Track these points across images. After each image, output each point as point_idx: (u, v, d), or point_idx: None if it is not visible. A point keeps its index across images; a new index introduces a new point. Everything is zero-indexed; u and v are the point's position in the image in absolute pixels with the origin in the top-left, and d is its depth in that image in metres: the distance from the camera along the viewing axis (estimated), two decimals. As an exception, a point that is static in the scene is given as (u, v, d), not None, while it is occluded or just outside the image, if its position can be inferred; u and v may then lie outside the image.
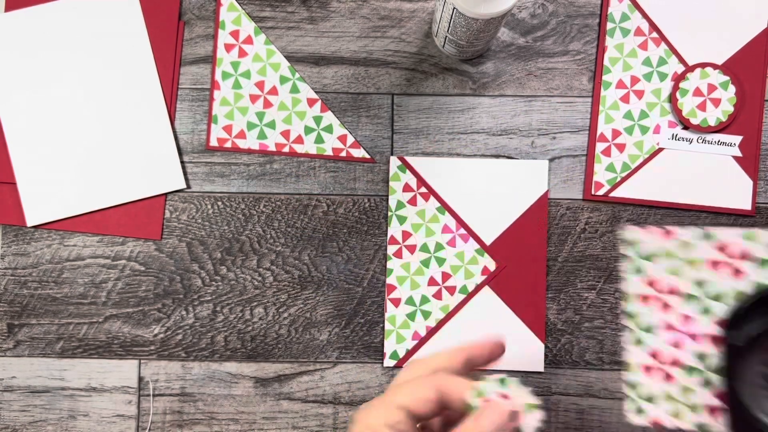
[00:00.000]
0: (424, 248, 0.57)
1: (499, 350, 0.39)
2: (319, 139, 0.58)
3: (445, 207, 0.57)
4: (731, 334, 0.37)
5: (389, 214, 0.57)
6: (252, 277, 0.57)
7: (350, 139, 0.58)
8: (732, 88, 0.57)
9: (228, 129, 0.58)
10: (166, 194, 0.58)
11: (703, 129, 0.57)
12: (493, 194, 0.57)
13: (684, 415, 0.38)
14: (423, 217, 0.57)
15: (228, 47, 0.58)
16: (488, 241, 0.57)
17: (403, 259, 0.57)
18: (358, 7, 0.58)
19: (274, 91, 0.58)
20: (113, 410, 0.57)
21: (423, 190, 0.57)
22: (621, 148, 0.57)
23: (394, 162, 0.57)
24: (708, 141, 0.57)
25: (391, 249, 0.57)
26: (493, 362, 0.39)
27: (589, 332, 0.57)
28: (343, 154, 0.58)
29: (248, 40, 0.58)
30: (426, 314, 0.57)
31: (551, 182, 0.57)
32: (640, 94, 0.57)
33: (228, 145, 0.58)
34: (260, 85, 0.58)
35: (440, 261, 0.57)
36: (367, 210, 0.57)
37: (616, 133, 0.57)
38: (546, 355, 0.57)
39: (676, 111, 0.57)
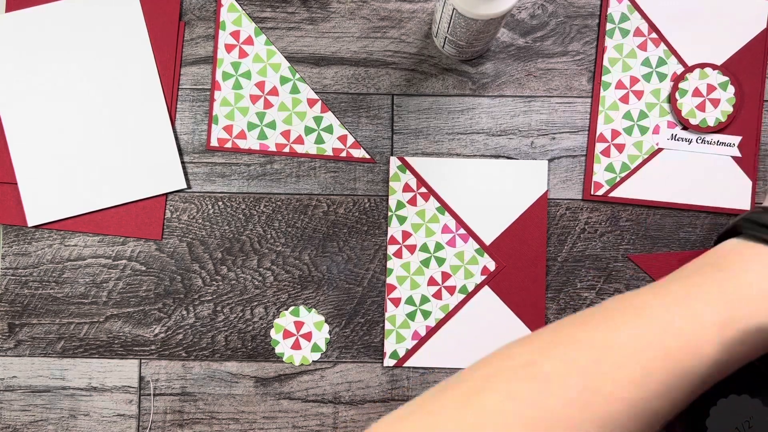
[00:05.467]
0: (424, 248, 0.57)
1: None
2: (320, 140, 0.58)
3: (445, 207, 0.57)
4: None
5: (389, 214, 0.57)
6: (252, 276, 0.57)
7: (350, 140, 0.58)
8: (731, 89, 0.57)
9: (228, 129, 0.58)
10: (166, 194, 0.58)
11: (702, 129, 0.57)
12: (493, 194, 0.57)
13: None
14: (423, 217, 0.57)
15: (228, 48, 0.58)
16: (488, 241, 0.57)
17: (403, 259, 0.57)
18: (358, 7, 0.58)
19: (274, 91, 0.58)
20: (114, 410, 0.57)
21: (423, 190, 0.57)
22: (620, 148, 0.57)
23: (394, 162, 0.57)
24: (707, 141, 0.57)
25: (391, 249, 0.57)
26: None
27: (589, 332, 0.57)
28: (344, 154, 0.58)
29: (249, 41, 0.58)
30: (426, 314, 0.57)
31: (551, 182, 0.58)
32: (639, 94, 0.58)
33: (228, 145, 0.58)
34: (261, 85, 0.58)
35: (440, 261, 0.57)
36: (367, 210, 0.58)
37: (615, 134, 0.57)
38: (545, 355, 0.57)
39: (676, 111, 0.57)
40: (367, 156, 0.58)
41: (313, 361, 0.57)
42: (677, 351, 0.32)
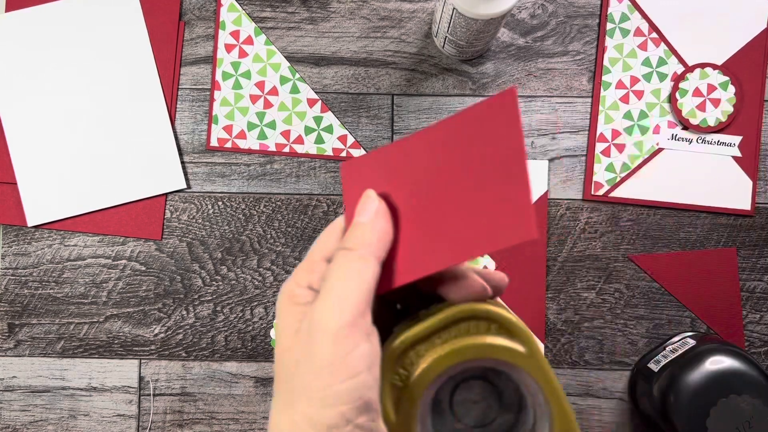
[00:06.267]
0: (424, 248, 0.57)
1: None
2: (320, 140, 0.58)
3: (444, 207, 0.57)
4: None
5: (389, 214, 0.57)
6: (252, 277, 0.57)
7: (350, 140, 0.58)
8: (731, 89, 0.57)
9: (228, 129, 0.58)
10: (166, 194, 0.58)
11: (702, 129, 0.57)
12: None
13: None
14: (423, 217, 0.57)
15: (228, 47, 0.58)
16: (488, 241, 0.57)
17: (403, 259, 0.57)
18: (358, 7, 0.58)
19: (274, 91, 0.58)
20: (114, 410, 0.57)
21: (423, 190, 0.57)
22: (621, 148, 0.57)
23: (394, 162, 0.57)
24: (707, 141, 0.57)
25: (391, 249, 0.57)
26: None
27: (589, 332, 0.57)
28: (344, 154, 0.58)
29: (248, 41, 0.58)
30: (426, 314, 0.57)
31: (551, 182, 0.58)
32: (639, 94, 0.57)
33: (228, 145, 0.58)
34: (260, 85, 0.58)
35: (440, 261, 0.57)
36: (367, 210, 0.57)
37: (615, 134, 0.57)
38: (546, 355, 0.57)
39: (676, 111, 0.57)
40: (367, 156, 0.58)
41: (313, 361, 0.57)
42: None
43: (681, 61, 0.57)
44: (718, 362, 0.49)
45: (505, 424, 0.33)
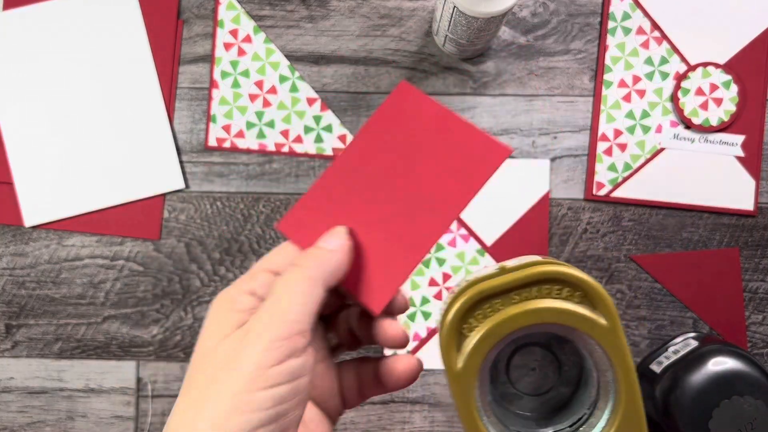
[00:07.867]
0: (425, 248, 0.57)
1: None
2: (319, 139, 0.57)
3: (445, 207, 0.57)
4: None
5: (389, 214, 0.57)
6: (251, 277, 0.57)
7: (350, 139, 0.57)
8: (734, 88, 0.56)
9: (227, 128, 0.57)
10: (164, 194, 0.57)
11: (705, 129, 0.56)
12: (494, 194, 0.57)
13: None
14: (423, 217, 0.57)
15: (227, 46, 0.58)
16: (489, 242, 0.57)
17: (403, 260, 0.57)
18: (358, 5, 0.58)
19: (273, 90, 0.57)
20: (111, 411, 0.56)
21: (423, 190, 0.57)
22: (622, 147, 0.57)
23: (394, 162, 0.57)
24: (710, 141, 0.57)
25: (391, 249, 0.57)
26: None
27: (591, 333, 0.57)
28: (343, 153, 0.57)
29: (247, 39, 0.58)
30: (426, 315, 0.56)
31: (552, 182, 0.57)
32: (641, 93, 0.57)
33: (227, 144, 0.57)
34: (259, 84, 0.57)
35: (440, 261, 0.57)
36: (366, 210, 0.57)
37: (617, 133, 0.57)
38: (547, 356, 0.56)
39: (678, 110, 0.57)
40: (367, 155, 0.57)
41: (312, 362, 0.56)
42: None
43: (683, 59, 0.57)
44: (720, 363, 0.49)
45: (560, 397, 0.32)
